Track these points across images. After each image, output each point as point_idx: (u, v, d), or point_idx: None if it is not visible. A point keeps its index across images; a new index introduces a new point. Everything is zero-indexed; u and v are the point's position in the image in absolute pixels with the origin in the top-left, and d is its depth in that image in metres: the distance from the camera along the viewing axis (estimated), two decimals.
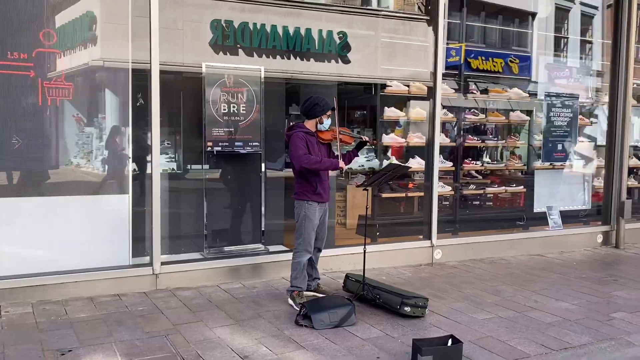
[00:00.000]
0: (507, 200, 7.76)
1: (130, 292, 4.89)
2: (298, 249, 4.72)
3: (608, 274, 6.04)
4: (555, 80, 7.76)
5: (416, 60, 6.54)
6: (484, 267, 6.21)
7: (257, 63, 5.73)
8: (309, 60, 6.10)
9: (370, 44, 6.34)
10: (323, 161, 4.60)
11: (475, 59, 7.10)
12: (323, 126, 4.71)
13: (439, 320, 4.39)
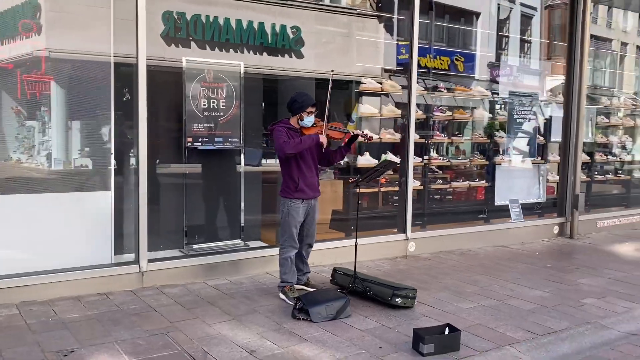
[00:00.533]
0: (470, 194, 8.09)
1: (117, 291, 4.80)
2: (284, 245, 4.77)
3: (570, 263, 6.45)
4: (497, 78, 8.10)
5: (368, 56, 6.64)
6: (456, 259, 6.49)
7: (208, 56, 5.61)
8: (262, 54, 6.13)
9: (323, 39, 6.39)
10: (302, 140, 4.53)
11: (423, 57, 7.32)
12: (305, 123, 4.67)
13: (428, 310, 4.58)
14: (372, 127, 6.80)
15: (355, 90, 6.79)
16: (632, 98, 10.20)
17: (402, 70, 6.81)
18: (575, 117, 7.94)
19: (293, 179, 4.65)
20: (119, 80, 5.00)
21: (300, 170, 4.66)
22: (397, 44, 6.87)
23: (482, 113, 7.96)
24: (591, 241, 7.83)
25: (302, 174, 4.67)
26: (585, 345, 4.02)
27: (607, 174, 9.67)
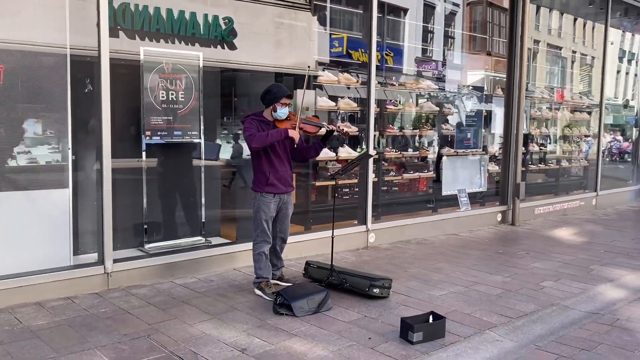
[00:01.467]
0: (419, 185, 8.31)
1: (81, 294, 4.52)
2: (257, 240, 4.69)
3: (519, 249, 6.79)
4: (423, 73, 8.36)
5: (301, 48, 6.63)
6: (414, 248, 6.65)
7: (139, 46, 5.27)
8: (193, 45, 5.99)
9: (257, 30, 6.28)
10: (269, 133, 4.43)
11: (355, 51, 7.44)
12: (278, 115, 4.58)
13: (404, 300, 4.67)
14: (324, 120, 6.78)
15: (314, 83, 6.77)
16: (549, 90, 10.88)
17: (336, 63, 6.86)
18: (515, 111, 8.34)
19: (264, 172, 4.57)
20: (78, 72, 4.68)
21: (271, 164, 4.58)
22: (331, 36, 6.89)
23: (430, 106, 8.17)
24: (531, 227, 8.30)
25: (273, 168, 4.58)
26: (556, 325, 4.25)
27: (539, 164, 10.26)
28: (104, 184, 4.64)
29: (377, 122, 7.85)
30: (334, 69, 7.02)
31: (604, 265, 6.04)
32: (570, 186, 10.83)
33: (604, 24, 10.51)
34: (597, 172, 10.50)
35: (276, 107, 4.57)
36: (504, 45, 9.26)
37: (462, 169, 8.47)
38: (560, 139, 10.63)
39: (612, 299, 4.92)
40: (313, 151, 4.82)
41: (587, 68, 12.08)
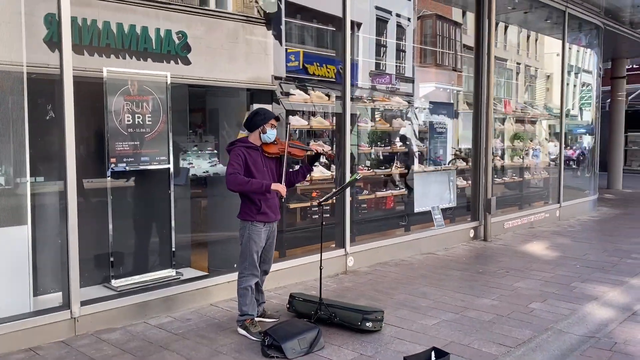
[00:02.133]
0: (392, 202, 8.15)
1: (46, 344, 4.07)
2: (244, 274, 4.38)
3: (498, 267, 6.70)
4: (377, 87, 8.22)
5: (257, 63, 6.43)
6: (394, 270, 6.45)
7: (89, 63, 4.87)
8: (146, 60, 5.68)
9: (210, 45, 6.04)
10: (251, 182, 4.17)
11: (311, 65, 7.30)
12: (267, 137, 4.36)
13: (397, 332, 4.44)
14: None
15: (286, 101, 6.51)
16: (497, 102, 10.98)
17: (292, 78, 6.69)
18: (484, 125, 8.33)
19: (254, 202, 4.28)
20: (36, 93, 4.25)
21: (261, 193, 4.30)
22: (287, 51, 6.70)
23: (401, 122, 8.05)
24: (503, 242, 8.27)
25: (263, 196, 4.31)
26: (556, 352, 4.12)
27: (504, 177, 10.33)
28: (69, 219, 4.22)
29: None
30: (291, 83, 6.79)
31: (584, 281, 6.01)
32: (532, 198, 10.96)
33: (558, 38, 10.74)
34: (559, 184, 10.67)
35: (265, 128, 4.33)
36: (453, 58, 9.30)
37: (433, 185, 8.38)
38: (507, 150, 10.69)
39: (602, 319, 4.85)
40: (301, 175, 4.58)
41: (531, 79, 12.37)
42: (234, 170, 4.15)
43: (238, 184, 4.15)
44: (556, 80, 12.23)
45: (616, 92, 16.53)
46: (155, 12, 5.49)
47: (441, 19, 9.53)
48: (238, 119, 6.47)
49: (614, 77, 16.54)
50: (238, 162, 4.19)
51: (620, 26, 12.31)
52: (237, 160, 4.19)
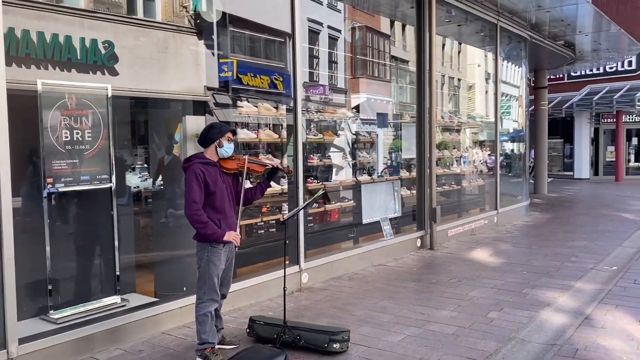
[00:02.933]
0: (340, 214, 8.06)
1: None
2: (203, 299, 4.09)
3: (449, 276, 6.74)
4: (310, 97, 8.16)
5: (189, 73, 6.23)
6: (349, 285, 6.34)
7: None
8: (70, 71, 5.36)
9: (140, 55, 5.72)
10: (207, 226, 3.94)
11: (245, 75, 7.18)
12: (224, 151, 4.14)
13: (365, 351, 4.30)
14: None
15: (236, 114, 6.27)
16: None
17: (225, 88, 6.47)
18: (427, 136, 8.43)
19: (213, 221, 4.01)
20: None
21: (219, 212, 4.06)
22: (219, 61, 6.51)
23: (347, 134, 8.00)
24: (449, 250, 8.37)
25: (222, 215, 4.06)
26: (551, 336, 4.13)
27: (443, 185, 10.51)
28: (4, 249, 3.78)
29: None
30: (224, 94, 6.57)
31: (534, 287, 6.15)
32: (469, 205, 11.23)
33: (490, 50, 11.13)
34: (496, 191, 11.00)
35: (222, 142, 4.11)
36: (383, 69, 9.40)
37: (379, 196, 8.37)
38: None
39: (559, 325, 4.93)
40: (259, 192, 4.37)
41: (454, 89, 12.76)
42: (196, 200, 3.92)
43: (195, 221, 3.95)
44: (478, 89, 12.69)
45: (539, 102, 17.41)
46: (79, 20, 5.12)
47: (371, 31, 9.62)
48: (169, 131, 6.18)
49: (537, 87, 17.43)
50: (198, 185, 3.93)
51: (544, 39, 12.95)
52: (196, 182, 3.93)
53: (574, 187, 20.34)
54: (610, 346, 4.40)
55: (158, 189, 6.09)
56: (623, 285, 6.25)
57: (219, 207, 4.07)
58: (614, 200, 15.53)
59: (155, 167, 6.25)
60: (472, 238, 9.43)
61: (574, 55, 15.49)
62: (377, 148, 8.99)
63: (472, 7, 9.60)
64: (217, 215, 4.07)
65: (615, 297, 5.76)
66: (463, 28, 10.79)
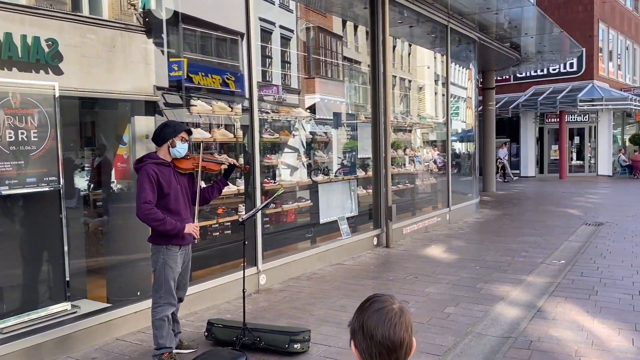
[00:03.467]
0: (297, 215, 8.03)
1: None
2: (159, 303, 3.99)
3: (406, 273, 6.82)
4: (264, 97, 8.09)
5: (138, 72, 6.04)
6: (308, 285, 6.31)
7: None
8: (10, 69, 5.18)
9: (86, 53, 5.50)
10: (165, 222, 3.84)
11: (196, 74, 7.10)
12: (177, 151, 4.05)
13: (325, 351, 4.29)
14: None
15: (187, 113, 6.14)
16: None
17: (175, 88, 6.32)
18: (383, 135, 8.51)
19: None
20: None
21: (175, 212, 3.95)
22: (169, 60, 6.39)
23: (301, 134, 7.97)
24: (405, 248, 8.48)
25: (178, 216, 3.96)
26: (480, 357, 4.21)
27: (398, 184, 10.64)
28: None
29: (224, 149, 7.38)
30: (174, 94, 6.44)
31: (487, 282, 6.30)
32: (422, 203, 11.43)
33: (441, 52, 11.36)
34: (448, 189, 11.23)
35: (175, 142, 4.00)
36: (336, 69, 9.45)
37: (336, 195, 8.39)
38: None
39: (513, 318, 5.07)
40: (217, 191, 4.30)
41: (405, 90, 12.97)
42: (148, 200, 3.80)
43: (151, 220, 3.83)
44: (428, 90, 12.92)
45: (487, 102, 17.90)
46: (20, 17, 4.90)
47: (323, 31, 9.65)
48: (117, 132, 5.99)
49: (485, 88, 17.91)
50: (151, 186, 3.81)
51: (492, 40, 13.33)
52: (149, 183, 3.82)
53: (520, 184, 21.02)
54: (562, 337, 4.55)
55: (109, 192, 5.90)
56: (571, 278, 6.49)
57: (173, 209, 3.97)
58: (559, 197, 16.14)
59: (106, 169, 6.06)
60: (426, 235, 9.59)
61: (520, 56, 16.01)
62: (332, 148, 9.00)
63: (423, 9, 9.77)
64: (173, 217, 3.97)
65: (565, 290, 5.96)
66: (415, 29, 10.97)
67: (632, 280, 6.29)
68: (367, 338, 1.51)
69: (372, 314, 1.53)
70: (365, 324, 1.52)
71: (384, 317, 1.52)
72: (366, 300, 1.59)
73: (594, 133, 24.62)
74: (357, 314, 1.57)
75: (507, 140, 24.60)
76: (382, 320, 1.51)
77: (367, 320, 1.52)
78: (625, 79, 28.59)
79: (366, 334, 1.51)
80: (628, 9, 28.57)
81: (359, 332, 1.54)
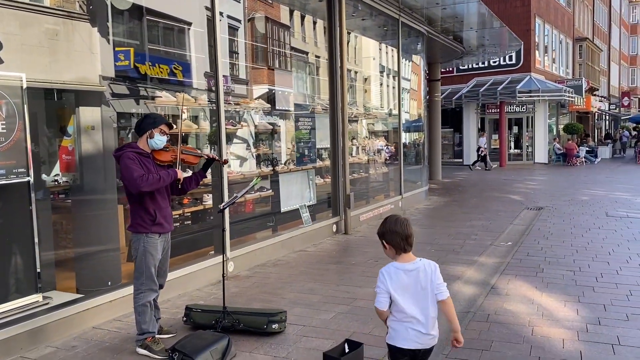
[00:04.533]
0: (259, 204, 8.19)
1: None
2: (141, 289, 4.10)
3: (367, 257, 7.14)
4: (212, 88, 8.06)
5: (82, 62, 5.90)
6: (275, 271, 6.52)
7: None
8: None
9: (26, 42, 5.44)
10: (161, 177, 4.03)
11: (142, 64, 7.13)
12: (155, 142, 4.15)
13: (301, 330, 4.52)
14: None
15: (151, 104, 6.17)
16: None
17: (122, 78, 6.27)
18: (340, 126, 8.78)
19: (149, 212, 4.02)
20: None
21: (155, 202, 4.07)
22: (115, 49, 6.38)
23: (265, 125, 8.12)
24: (362, 234, 8.82)
25: (157, 206, 4.08)
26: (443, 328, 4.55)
27: (353, 174, 10.95)
28: None
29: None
30: (121, 84, 6.39)
31: (443, 263, 6.69)
32: (375, 192, 11.81)
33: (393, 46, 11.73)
34: (400, 178, 11.66)
35: (154, 133, 4.10)
36: (284, 60, 9.61)
37: (295, 185, 8.60)
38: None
39: (470, 295, 5.46)
40: (194, 182, 4.42)
41: (351, 81, 13.29)
42: (140, 173, 3.92)
43: (152, 184, 3.96)
44: (374, 81, 13.27)
45: (433, 93, 18.53)
46: None
47: (270, 22, 9.77)
48: (62, 124, 5.93)
49: (431, 80, 18.51)
50: (136, 164, 3.92)
51: (439, 34, 13.84)
52: (133, 162, 3.93)
53: (464, 172, 21.89)
54: (515, 310, 4.97)
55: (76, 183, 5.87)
56: (519, 257, 6.99)
57: (152, 198, 4.07)
58: (501, 183, 16.97)
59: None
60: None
61: (464, 49, 16.67)
62: (281, 139, 9.07)
63: (376, 2, 10.07)
64: (153, 206, 4.09)
65: (514, 268, 6.44)
66: (367, 22, 11.26)
67: (572, 259, 6.85)
68: (392, 233, 2.80)
69: (393, 221, 2.85)
70: (390, 227, 2.82)
71: (400, 221, 2.84)
72: (387, 218, 2.91)
73: (531, 123, 25.88)
74: (382, 225, 2.87)
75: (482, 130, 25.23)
76: (400, 222, 2.83)
77: (391, 225, 2.83)
78: (559, 72, 30.16)
79: (392, 232, 2.80)
80: (561, 4, 30.09)
81: (387, 232, 2.83)
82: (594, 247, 7.45)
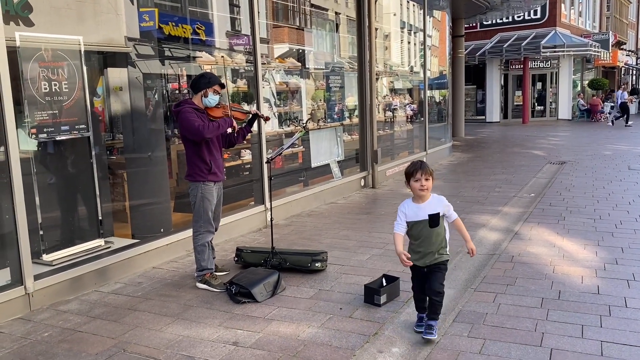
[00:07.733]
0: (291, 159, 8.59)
1: (4, 322, 3.93)
2: (200, 231, 4.58)
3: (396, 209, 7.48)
4: (235, 47, 7.92)
5: (108, 24, 6.02)
6: (310, 220, 6.98)
7: None
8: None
9: (54, 4, 5.47)
10: (220, 124, 4.47)
11: (166, 25, 7.30)
12: (208, 101, 4.55)
13: (340, 269, 4.98)
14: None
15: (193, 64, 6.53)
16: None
17: (147, 39, 6.35)
18: (368, 84, 9.06)
19: (205, 161, 4.46)
20: None
21: (210, 153, 4.50)
22: (140, 11, 6.40)
23: (297, 84, 8.43)
24: (389, 188, 9.21)
25: (212, 156, 4.52)
26: (472, 269, 4.97)
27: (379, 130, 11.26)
28: (15, 195, 4.03)
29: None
30: (146, 45, 6.55)
31: (469, 213, 7.08)
32: (400, 148, 12.12)
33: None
34: (425, 134, 11.94)
35: (208, 92, 4.49)
36: (304, 18, 9.69)
37: (325, 142, 8.96)
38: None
39: (495, 240, 5.86)
40: (241, 137, 4.84)
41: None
42: (200, 122, 4.35)
43: (212, 130, 4.39)
44: (394, 38, 13.32)
45: (457, 49, 18.47)
46: None
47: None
48: (90, 85, 6.18)
49: (455, 36, 18.42)
50: (196, 117, 4.34)
51: None
52: (193, 114, 4.35)
53: (486, 129, 21.98)
54: (538, 252, 5.36)
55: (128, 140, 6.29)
56: (541, 207, 7.33)
57: (210, 150, 4.51)
58: (523, 139, 17.11)
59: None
60: None
61: (488, 4, 16.55)
62: (302, 98, 9.28)
63: None
64: (209, 157, 4.52)
65: (536, 217, 6.80)
66: None
67: (593, 208, 7.17)
68: (414, 174, 3.73)
69: (413, 163, 3.76)
70: (411, 168, 3.72)
71: (417, 162, 3.73)
72: (410, 164, 3.77)
73: (555, 79, 25.65)
74: (406, 170, 3.76)
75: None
76: (416, 162, 3.72)
77: (411, 166, 3.74)
78: (585, 25, 29.57)
79: (413, 172, 3.72)
80: None
81: (409, 173, 3.72)
82: (615, 198, 7.75)
